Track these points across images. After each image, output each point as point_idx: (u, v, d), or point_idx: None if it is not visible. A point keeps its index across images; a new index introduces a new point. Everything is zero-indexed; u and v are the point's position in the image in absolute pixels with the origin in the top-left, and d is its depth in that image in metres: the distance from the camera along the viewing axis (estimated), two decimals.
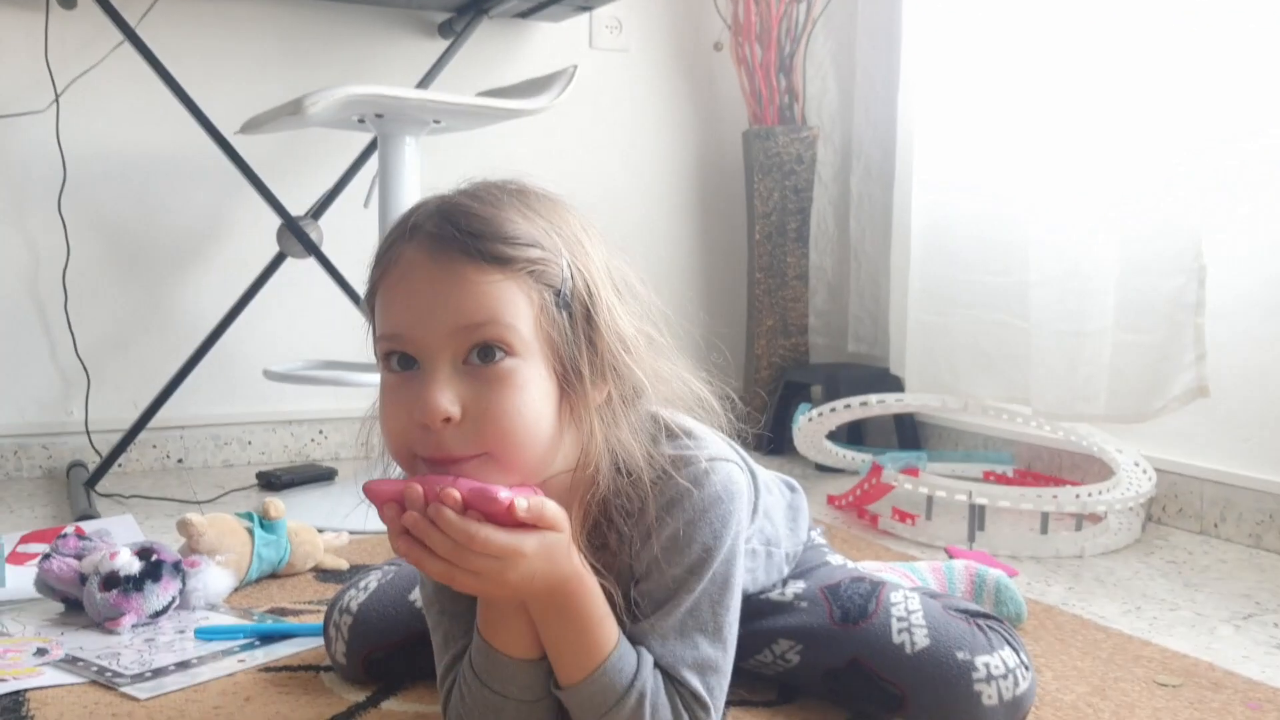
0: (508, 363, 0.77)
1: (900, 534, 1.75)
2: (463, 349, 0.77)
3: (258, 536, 1.44)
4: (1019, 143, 1.94)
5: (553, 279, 0.79)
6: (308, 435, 2.34)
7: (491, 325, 0.77)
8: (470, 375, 0.77)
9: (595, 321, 0.81)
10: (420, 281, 0.78)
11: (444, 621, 0.92)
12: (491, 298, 0.77)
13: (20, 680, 1.09)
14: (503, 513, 0.74)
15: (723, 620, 0.86)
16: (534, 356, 0.78)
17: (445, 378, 0.77)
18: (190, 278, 2.24)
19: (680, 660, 0.84)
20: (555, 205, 0.84)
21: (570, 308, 0.80)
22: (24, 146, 2.10)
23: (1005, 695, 0.96)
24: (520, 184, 0.85)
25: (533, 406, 0.78)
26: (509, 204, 0.81)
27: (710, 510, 0.85)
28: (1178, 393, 1.66)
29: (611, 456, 0.83)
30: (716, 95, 2.64)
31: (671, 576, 0.85)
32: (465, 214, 0.79)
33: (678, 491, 0.85)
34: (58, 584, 1.30)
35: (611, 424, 0.83)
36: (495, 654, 0.85)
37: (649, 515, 0.85)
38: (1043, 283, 1.86)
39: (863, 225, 2.63)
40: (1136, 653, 1.22)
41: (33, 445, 2.15)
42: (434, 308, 0.77)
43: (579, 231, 0.84)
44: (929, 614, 1.01)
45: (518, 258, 0.78)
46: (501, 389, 0.77)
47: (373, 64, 2.32)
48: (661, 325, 0.87)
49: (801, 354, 2.55)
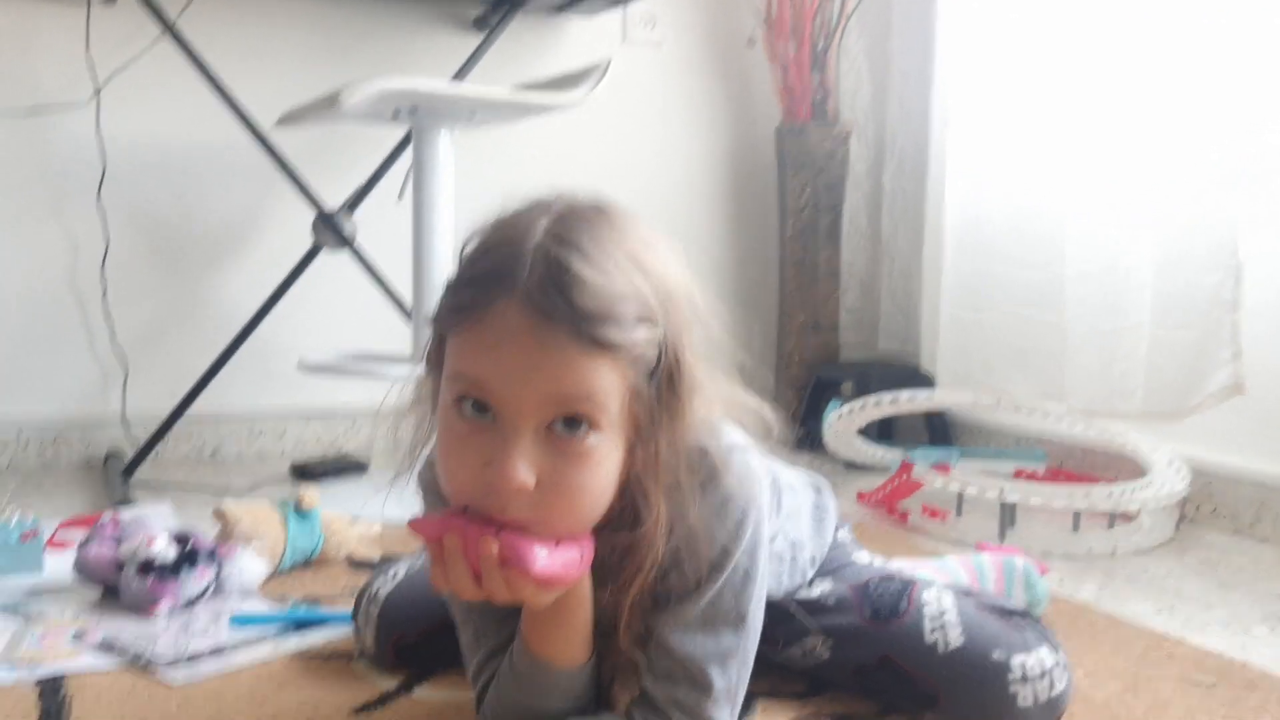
0: (591, 439, 0.75)
1: (930, 531, 1.75)
2: (548, 416, 0.74)
3: (292, 525, 1.45)
4: (1054, 137, 1.92)
5: (650, 360, 0.76)
6: (341, 427, 2.35)
7: (585, 402, 0.74)
8: (549, 444, 0.75)
9: (677, 387, 0.78)
10: (518, 346, 0.73)
11: (472, 619, 0.92)
12: (592, 377, 0.74)
13: (58, 663, 1.11)
14: (534, 578, 0.76)
15: (746, 609, 0.86)
16: (615, 431, 0.77)
17: (527, 445, 0.74)
18: (226, 270, 2.26)
19: (704, 652, 0.84)
20: (647, 241, 0.79)
21: (660, 382, 0.77)
22: (65, 139, 2.13)
23: (1041, 696, 0.95)
24: (614, 215, 0.80)
25: (604, 482, 0.77)
26: (613, 258, 0.75)
27: (730, 501, 0.84)
28: (1214, 390, 1.64)
29: (670, 517, 0.81)
30: (749, 91, 2.63)
31: (695, 567, 0.84)
32: (577, 283, 0.73)
33: (697, 484, 0.84)
34: (95, 570, 1.31)
35: (672, 472, 0.81)
36: (539, 661, 0.86)
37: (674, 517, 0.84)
38: (1079, 278, 1.84)
39: (895, 221, 2.62)
40: (1170, 651, 1.21)
41: (71, 434, 2.18)
42: (529, 374, 0.73)
43: (666, 271, 0.79)
44: (963, 612, 1.00)
45: (624, 344, 0.74)
46: (579, 465, 0.75)
47: (408, 58, 2.33)
48: (718, 346, 0.84)
49: (832, 351, 2.55)
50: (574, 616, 0.85)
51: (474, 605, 0.91)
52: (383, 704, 1.03)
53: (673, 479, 0.80)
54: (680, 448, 0.80)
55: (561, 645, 0.85)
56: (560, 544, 0.77)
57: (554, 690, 0.86)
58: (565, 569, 0.77)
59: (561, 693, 0.86)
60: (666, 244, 0.82)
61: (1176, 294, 1.68)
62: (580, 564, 0.79)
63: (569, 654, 0.86)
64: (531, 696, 0.86)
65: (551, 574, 0.76)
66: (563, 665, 0.85)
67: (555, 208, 0.78)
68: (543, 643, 0.86)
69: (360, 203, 2.12)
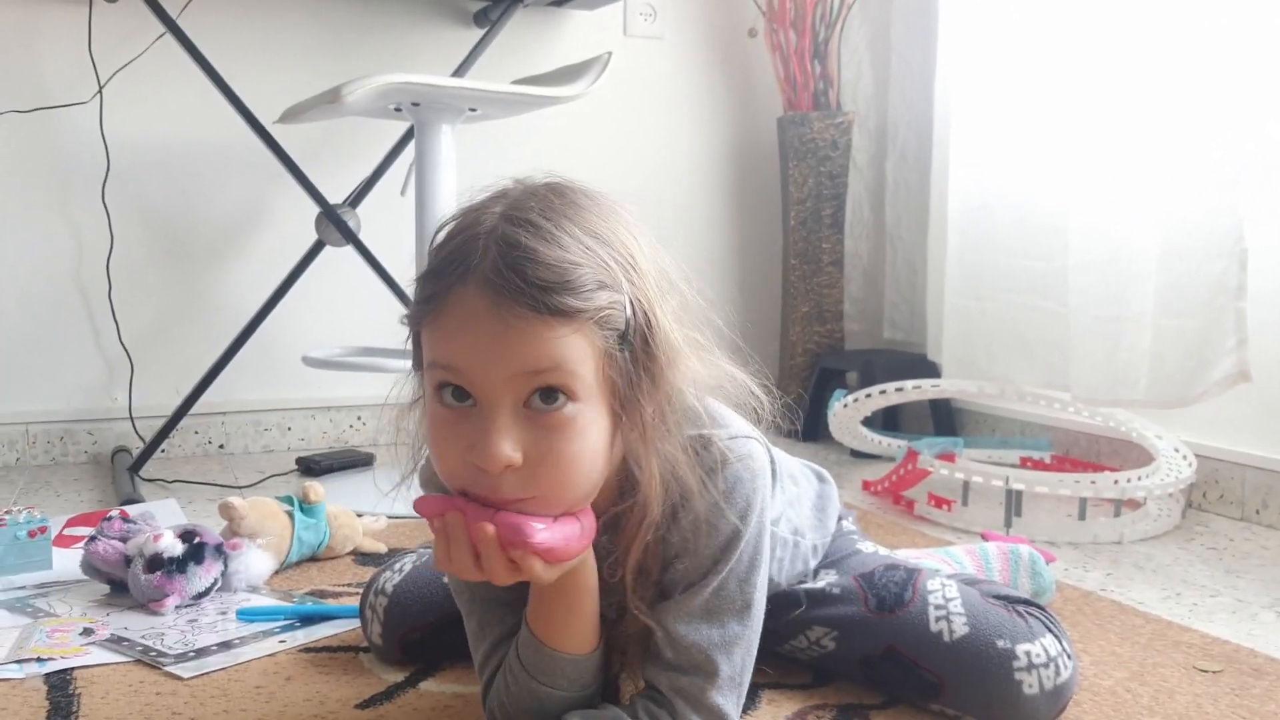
0: (569, 408, 0.75)
1: (937, 520, 1.75)
2: (524, 392, 0.75)
3: (298, 520, 1.45)
4: (1057, 126, 1.92)
5: (617, 322, 0.76)
6: (346, 421, 2.36)
7: (555, 372, 0.74)
8: (530, 419, 0.75)
9: (652, 349, 0.78)
10: (482, 330, 0.74)
11: (477, 608, 0.92)
12: (557, 348, 0.74)
13: (67, 659, 1.11)
14: (533, 549, 0.77)
15: (750, 597, 0.86)
16: (594, 399, 0.76)
17: (506, 423, 0.74)
18: (231, 266, 2.27)
19: (709, 640, 0.84)
20: (604, 213, 0.80)
21: (632, 345, 0.78)
22: (68, 137, 2.14)
23: (1046, 684, 0.95)
24: (567, 192, 0.80)
25: (591, 451, 0.77)
26: (567, 231, 0.76)
27: (735, 490, 0.84)
28: (1219, 378, 1.64)
29: (664, 480, 0.81)
30: (751, 82, 2.63)
31: (700, 558, 0.84)
32: (529, 259, 0.74)
33: (702, 473, 0.84)
34: (103, 566, 1.32)
35: (664, 440, 0.81)
36: (546, 649, 0.86)
37: (672, 506, 0.84)
38: (1083, 267, 1.84)
39: (898, 211, 2.61)
40: (1176, 638, 1.21)
41: (78, 431, 2.19)
42: (497, 354, 0.74)
43: (629, 240, 0.79)
44: (967, 602, 1.00)
45: (585, 309, 0.74)
46: (562, 436, 0.75)
47: (409, 53, 2.33)
48: (700, 318, 0.84)
49: (837, 340, 2.55)
50: (580, 602, 0.85)
51: (478, 596, 0.92)
52: (389, 698, 1.04)
53: (664, 444, 0.81)
54: (667, 412, 0.80)
55: (568, 632, 0.85)
56: (559, 519, 0.78)
57: (561, 678, 0.86)
58: (566, 542, 0.78)
59: (569, 681, 0.86)
60: (630, 215, 0.82)
61: (1180, 282, 1.68)
62: (581, 536, 0.80)
63: (576, 641, 0.86)
64: (538, 685, 0.86)
65: (550, 546, 0.77)
66: (570, 652, 0.86)
67: (511, 193, 0.80)
68: (550, 630, 0.86)
69: (363, 198, 2.13)
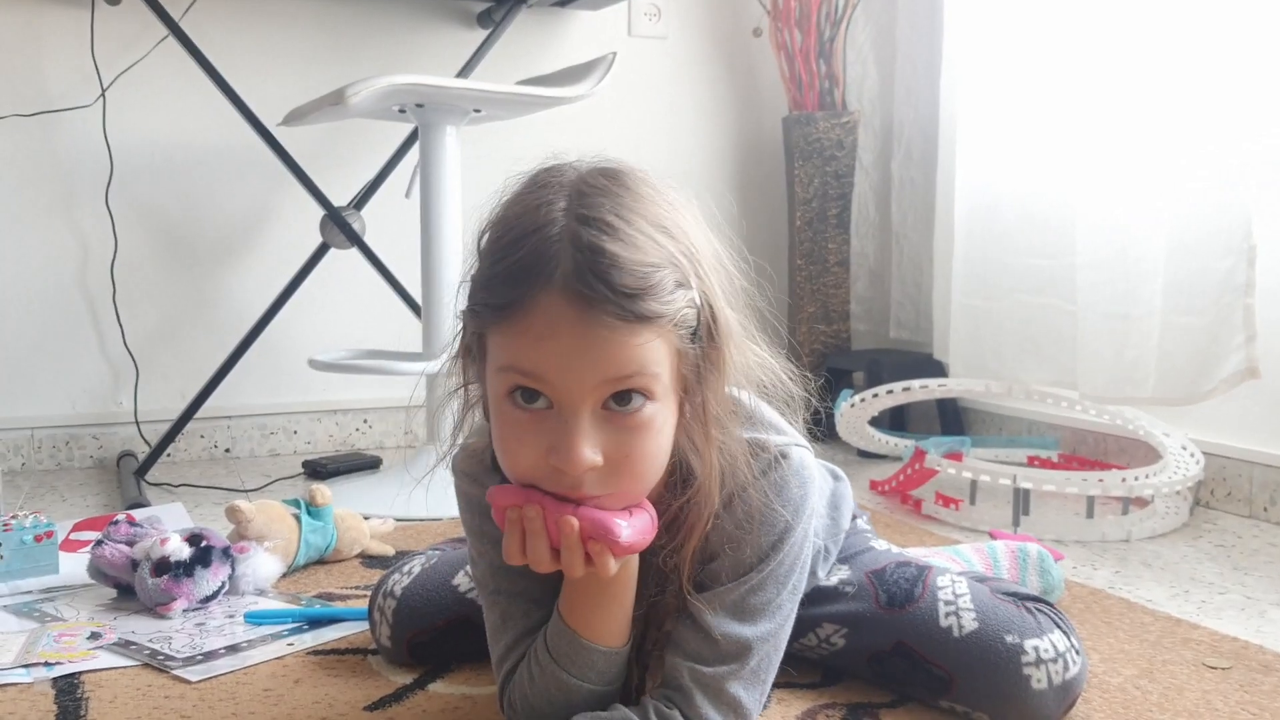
0: (648, 409, 0.77)
1: (944, 519, 1.74)
2: (603, 396, 0.76)
3: (305, 523, 1.45)
4: (1065, 124, 1.91)
5: (691, 320, 0.77)
6: (352, 424, 2.36)
7: (638, 377, 0.75)
8: (608, 420, 0.76)
9: (718, 341, 0.79)
10: (566, 336, 0.74)
11: (500, 601, 0.92)
12: (641, 353, 0.75)
13: (75, 663, 1.11)
14: (622, 549, 0.79)
15: (785, 598, 0.87)
16: (669, 396, 0.78)
17: (587, 427, 0.75)
18: (235, 269, 2.27)
19: (738, 635, 0.84)
20: (666, 202, 0.80)
21: (701, 339, 0.79)
22: (72, 141, 2.14)
23: (1055, 679, 0.95)
24: (626, 179, 0.80)
25: (665, 447, 0.79)
26: (640, 229, 0.76)
27: (785, 493, 0.85)
28: (1227, 375, 1.63)
29: (722, 470, 0.83)
30: (756, 81, 2.63)
31: (744, 556, 0.85)
32: (613, 265, 0.73)
33: (756, 474, 0.85)
34: (110, 570, 1.32)
35: (723, 431, 0.82)
36: (580, 640, 0.85)
37: (727, 496, 0.85)
38: (1090, 265, 1.83)
39: (904, 210, 2.61)
40: (1185, 635, 1.21)
41: (84, 435, 2.19)
42: (581, 361, 0.74)
43: (691, 230, 0.80)
44: (977, 597, 1.00)
45: (667, 312, 0.75)
46: (640, 436, 0.77)
47: (413, 55, 2.33)
48: (743, 300, 0.85)
49: (843, 340, 2.54)
50: (621, 594, 0.86)
51: (503, 589, 0.91)
52: (398, 700, 1.03)
53: (723, 435, 0.82)
54: (723, 396, 0.81)
55: (606, 624, 0.86)
56: (633, 512, 0.80)
57: (590, 670, 0.86)
58: (643, 535, 0.80)
59: (597, 674, 0.86)
60: (681, 197, 0.83)
61: (1188, 279, 1.67)
62: (652, 528, 0.81)
63: (612, 634, 0.86)
64: (567, 676, 0.86)
65: (634, 543, 0.79)
66: (604, 644, 0.86)
67: (568, 182, 0.79)
68: (587, 621, 0.86)
69: (368, 200, 2.13)
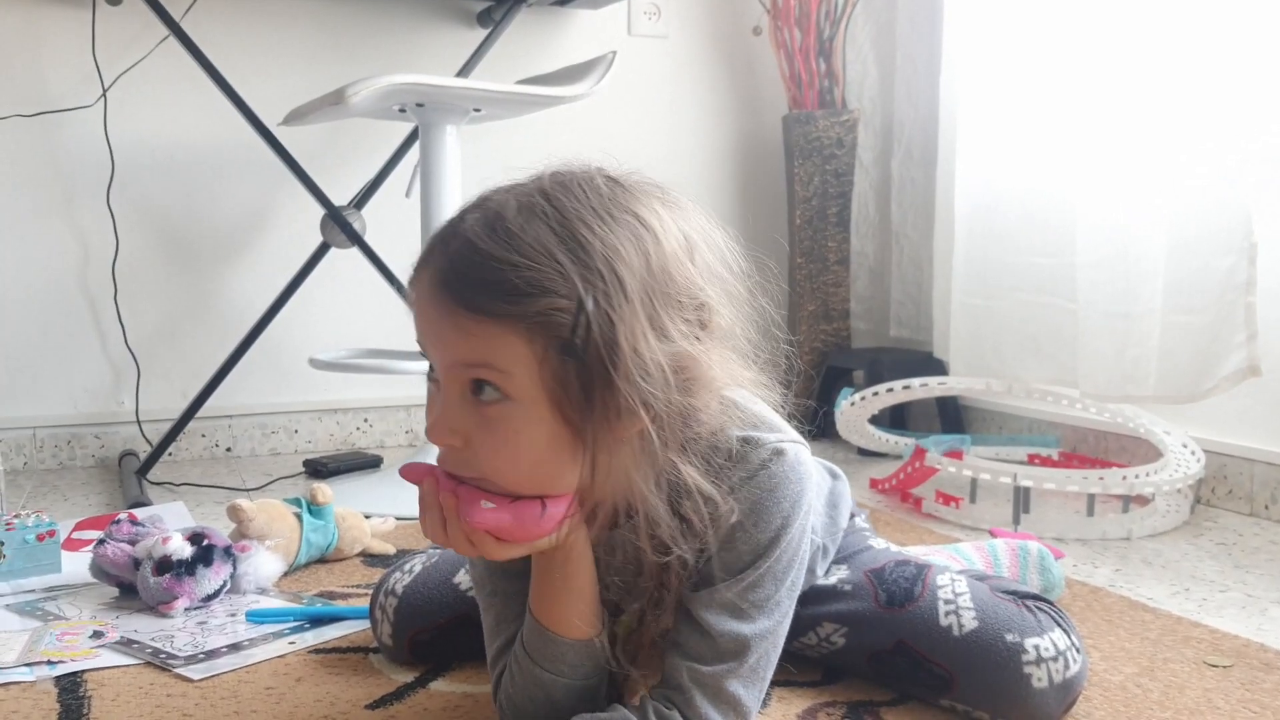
0: (501, 406, 0.77)
1: (945, 517, 1.74)
2: (463, 380, 0.78)
3: (306, 522, 1.46)
4: (1065, 122, 1.91)
5: (560, 329, 0.75)
6: (353, 423, 2.36)
7: (483, 368, 0.76)
8: (473, 407, 0.78)
9: (617, 362, 0.75)
10: (428, 314, 0.79)
11: (495, 603, 0.93)
12: (483, 344, 0.76)
13: (78, 662, 1.12)
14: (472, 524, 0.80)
15: (784, 595, 0.86)
16: (533, 402, 0.76)
17: (452, 404, 0.78)
18: (236, 269, 2.27)
19: (735, 633, 0.84)
20: (605, 214, 0.78)
21: (580, 355, 0.75)
22: (73, 141, 2.14)
23: (1055, 678, 0.95)
24: (575, 187, 0.79)
25: (526, 452, 0.78)
26: (532, 232, 0.76)
27: (781, 490, 0.85)
28: (1228, 373, 1.63)
29: (626, 493, 0.81)
30: (755, 80, 2.63)
31: (741, 553, 0.84)
32: (472, 259, 0.76)
33: (748, 472, 0.85)
34: (112, 569, 1.32)
35: (640, 458, 0.79)
36: (547, 633, 0.86)
37: (718, 497, 0.84)
38: (1091, 264, 1.83)
39: (904, 209, 2.61)
40: (1186, 634, 1.21)
41: (85, 435, 2.19)
42: (436, 339, 0.79)
43: (611, 246, 0.76)
44: (976, 596, 1.00)
45: (514, 313, 0.75)
46: (492, 433, 0.77)
47: (413, 54, 2.33)
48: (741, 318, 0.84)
49: (843, 338, 2.54)
50: (575, 585, 0.85)
51: (499, 590, 0.92)
52: (400, 698, 1.04)
53: (623, 455, 0.79)
54: (626, 423, 0.77)
55: (567, 614, 0.86)
56: (517, 501, 0.79)
57: (562, 663, 0.86)
58: (514, 523, 0.79)
59: (570, 667, 0.86)
60: (658, 214, 0.80)
61: (1190, 278, 1.68)
62: (541, 521, 0.80)
63: (575, 625, 0.86)
64: (542, 671, 0.86)
65: (492, 524, 0.79)
66: (570, 637, 0.86)
67: (521, 186, 0.80)
68: (549, 613, 0.86)
69: (368, 199, 2.13)
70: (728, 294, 0.83)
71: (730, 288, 0.84)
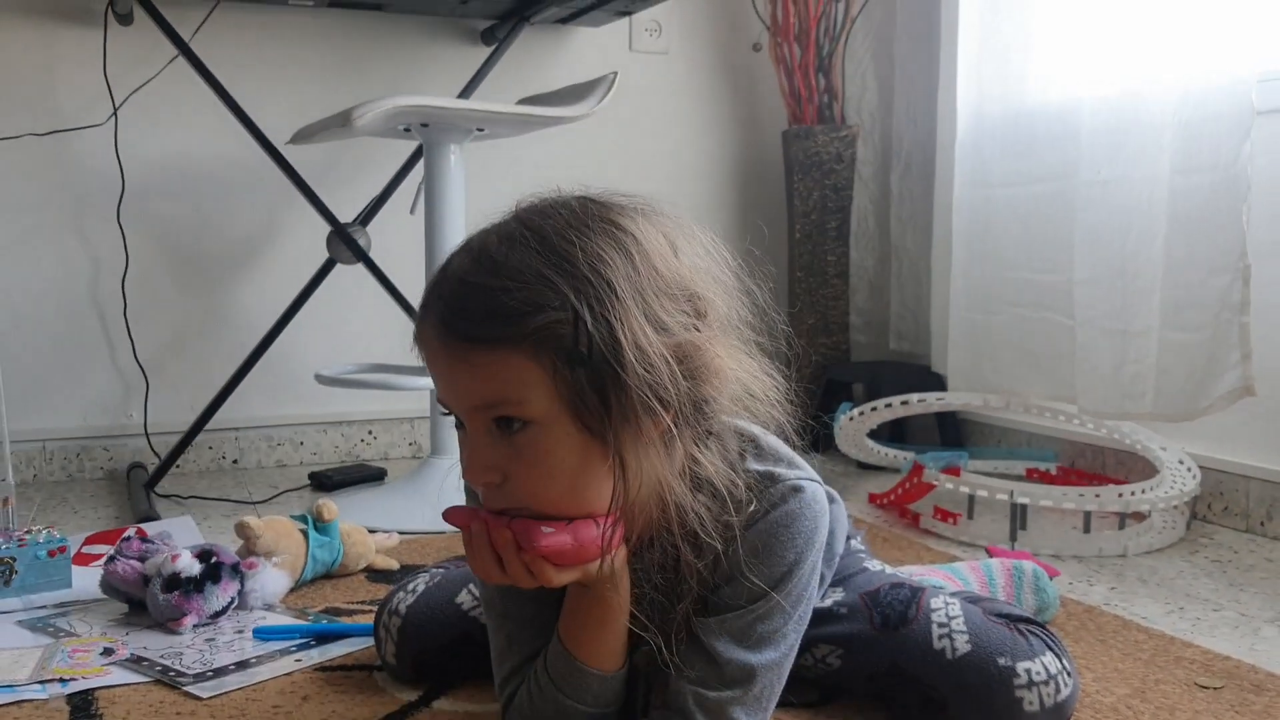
0: (527, 433, 0.79)
1: (942, 533, 1.76)
2: (487, 419, 0.80)
3: (312, 538, 1.48)
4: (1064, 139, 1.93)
5: (563, 341, 0.77)
6: (358, 436, 2.38)
7: (502, 405, 0.79)
8: (502, 439, 0.80)
9: (623, 360, 0.77)
10: (440, 365, 0.81)
11: (507, 625, 0.95)
12: (497, 378, 0.78)
13: (89, 680, 1.14)
14: (539, 551, 0.81)
15: (790, 629, 0.89)
16: (555, 419, 0.79)
17: (482, 445, 0.81)
18: (244, 284, 2.30)
19: (743, 661, 0.86)
20: (583, 227, 0.80)
21: (587, 361, 0.77)
22: (85, 159, 2.17)
23: (1047, 701, 0.97)
24: (550, 209, 0.82)
25: (559, 470, 0.80)
26: (515, 256, 0.78)
27: (796, 525, 0.88)
28: (1224, 392, 1.65)
29: (662, 495, 0.83)
30: (755, 96, 2.65)
31: (752, 585, 0.87)
32: (466, 294, 0.78)
33: (765, 506, 0.87)
34: (122, 585, 1.34)
35: (668, 461, 0.82)
36: (576, 663, 0.88)
37: (734, 527, 0.86)
38: (1089, 281, 1.85)
39: (903, 223, 2.63)
40: (1178, 654, 1.23)
41: (94, 447, 2.22)
42: (453, 386, 0.81)
43: (593, 256, 0.78)
44: (970, 619, 1.02)
45: (513, 334, 0.77)
46: (524, 460, 0.80)
47: (418, 72, 2.36)
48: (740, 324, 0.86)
49: (843, 352, 2.56)
50: (610, 618, 0.88)
51: (511, 614, 0.94)
52: (404, 716, 1.06)
53: (654, 456, 0.81)
54: (647, 423, 0.79)
55: (598, 647, 0.88)
56: (572, 523, 0.82)
57: (586, 693, 0.88)
58: (575, 545, 0.81)
59: (593, 696, 0.89)
60: (635, 225, 0.82)
61: (1186, 297, 1.69)
62: (596, 540, 0.82)
63: (604, 657, 0.88)
64: (564, 698, 0.88)
65: (557, 548, 0.81)
66: (598, 668, 0.88)
67: (502, 221, 0.83)
68: (580, 644, 0.88)
69: (374, 216, 2.15)
70: (718, 282, 0.86)
71: (720, 276, 0.86)
